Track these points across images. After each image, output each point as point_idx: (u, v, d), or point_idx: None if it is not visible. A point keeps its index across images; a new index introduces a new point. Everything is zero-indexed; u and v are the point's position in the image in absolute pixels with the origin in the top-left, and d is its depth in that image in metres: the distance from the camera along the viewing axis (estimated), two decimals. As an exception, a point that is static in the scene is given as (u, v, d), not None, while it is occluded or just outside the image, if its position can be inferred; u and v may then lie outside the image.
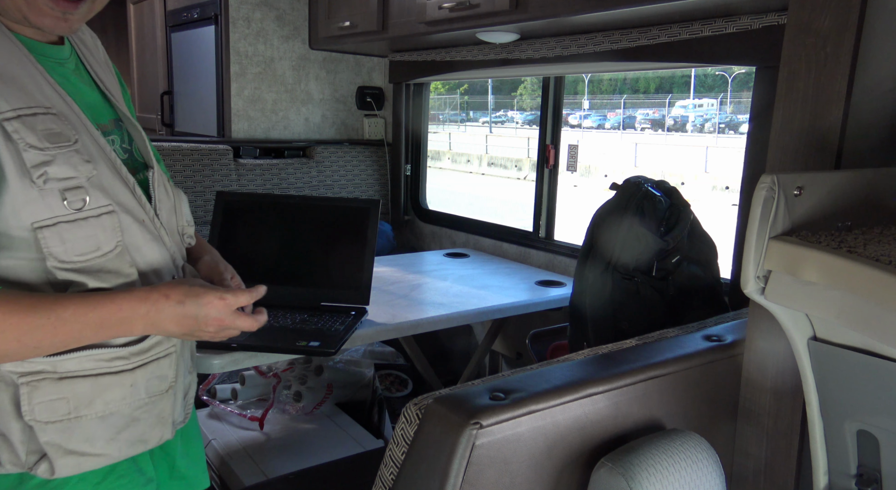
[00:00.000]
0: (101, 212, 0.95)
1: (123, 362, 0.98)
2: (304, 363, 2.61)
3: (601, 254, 1.69)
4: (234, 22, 3.05)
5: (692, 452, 1.05)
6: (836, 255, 0.87)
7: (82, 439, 0.97)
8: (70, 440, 0.96)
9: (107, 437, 0.99)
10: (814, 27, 1.04)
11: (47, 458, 0.95)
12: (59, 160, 0.91)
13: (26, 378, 0.92)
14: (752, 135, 1.78)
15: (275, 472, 2.10)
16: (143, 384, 1.02)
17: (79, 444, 0.97)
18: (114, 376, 0.98)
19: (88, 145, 0.96)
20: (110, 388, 0.98)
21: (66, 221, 0.92)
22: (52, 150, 0.91)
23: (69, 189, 0.92)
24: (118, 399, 0.99)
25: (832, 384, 1.00)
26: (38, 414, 0.94)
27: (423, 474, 0.98)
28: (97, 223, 0.94)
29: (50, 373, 0.94)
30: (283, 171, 3.04)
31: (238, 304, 1.01)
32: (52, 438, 0.95)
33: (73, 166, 0.92)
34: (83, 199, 0.93)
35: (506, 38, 2.28)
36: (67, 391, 0.95)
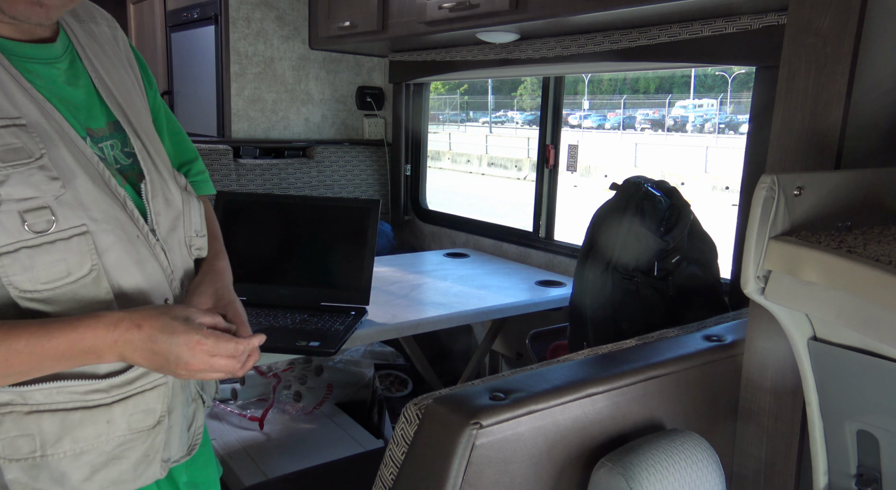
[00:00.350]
0: (73, 234, 0.85)
1: (102, 395, 0.88)
2: (304, 363, 2.61)
3: (601, 254, 1.69)
4: (234, 22, 3.05)
5: (692, 452, 1.05)
6: (836, 255, 0.87)
7: (50, 480, 0.87)
8: (38, 479, 0.87)
9: (81, 477, 0.89)
10: (814, 27, 1.04)
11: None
12: (13, 180, 0.81)
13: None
14: (752, 135, 1.78)
15: (275, 472, 2.10)
16: (125, 419, 0.91)
17: (47, 484, 0.87)
18: (86, 411, 0.88)
19: (63, 158, 0.86)
20: (81, 426, 0.87)
21: (29, 247, 0.82)
22: (5, 170, 0.81)
23: (30, 210, 0.82)
24: (91, 437, 0.88)
25: (832, 384, 1.00)
26: (1, 450, 0.85)
27: (423, 474, 0.98)
28: (66, 246, 0.84)
29: (19, 404, 0.84)
30: (283, 171, 3.04)
31: (219, 353, 0.87)
32: (16, 476, 0.86)
33: (33, 185, 0.82)
34: (48, 220, 0.83)
35: (506, 38, 2.28)
36: (33, 427, 0.85)
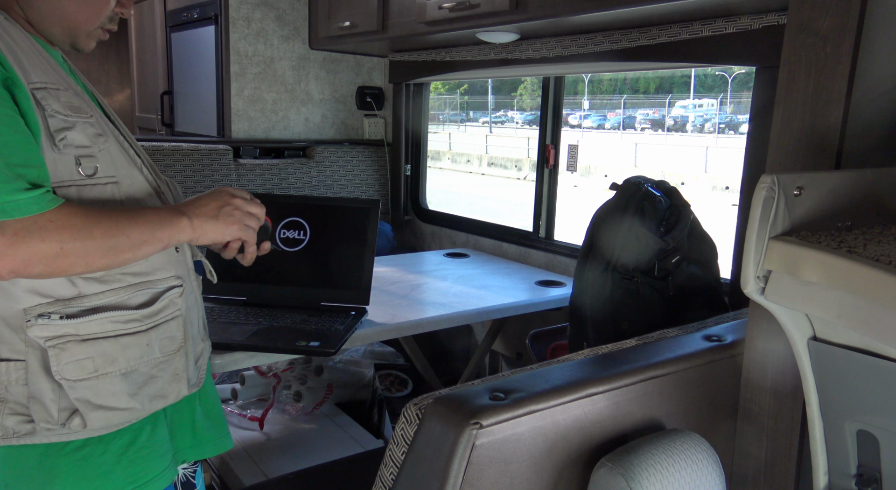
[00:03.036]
0: (108, 181, 1.06)
1: (137, 324, 1.08)
2: (304, 363, 2.61)
3: (601, 254, 1.69)
4: (234, 22, 3.05)
5: (692, 452, 1.05)
6: (836, 255, 0.87)
7: (109, 394, 1.05)
8: (98, 395, 1.04)
9: (130, 392, 1.07)
10: (814, 27, 1.04)
11: (79, 414, 1.03)
12: (77, 128, 1.02)
13: (52, 342, 1.01)
14: (752, 135, 1.78)
15: (275, 472, 2.10)
16: (157, 344, 1.11)
17: (106, 398, 1.05)
18: (131, 336, 1.07)
19: (101, 122, 1.08)
20: (130, 347, 1.07)
21: (78, 185, 1.02)
22: (72, 118, 1.02)
23: (83, 156, 1.02)
24: (137, 357, 1.08)
25: (832, 384, 1.00)
26: (66, 373, 1.02)
27: (423, 474, 0.98)
28: (102, 191, 1.05)
29: (73, 336, 1.02)
30: (283, 171, 3.04)
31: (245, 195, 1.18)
32: (81, 395, 1.03)
33: (87, 136, 1.03)
34: (94, 167, 1.04)
35: (506, 38, 2.28)
36: (92, 351, 1.03)
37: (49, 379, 1.02)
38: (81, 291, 1.03)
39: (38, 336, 1.00)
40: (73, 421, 1.03)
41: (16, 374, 1.01)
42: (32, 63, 1.00)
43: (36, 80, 0.99)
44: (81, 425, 1.03)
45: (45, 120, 0.98)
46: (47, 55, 1.05)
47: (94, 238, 0.97)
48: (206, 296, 1.78)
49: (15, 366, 1.01)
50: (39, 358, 1.01)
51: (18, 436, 1.02)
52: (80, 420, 1.03)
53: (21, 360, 1.01)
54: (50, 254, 0.94)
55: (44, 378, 1.02)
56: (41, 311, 1.00)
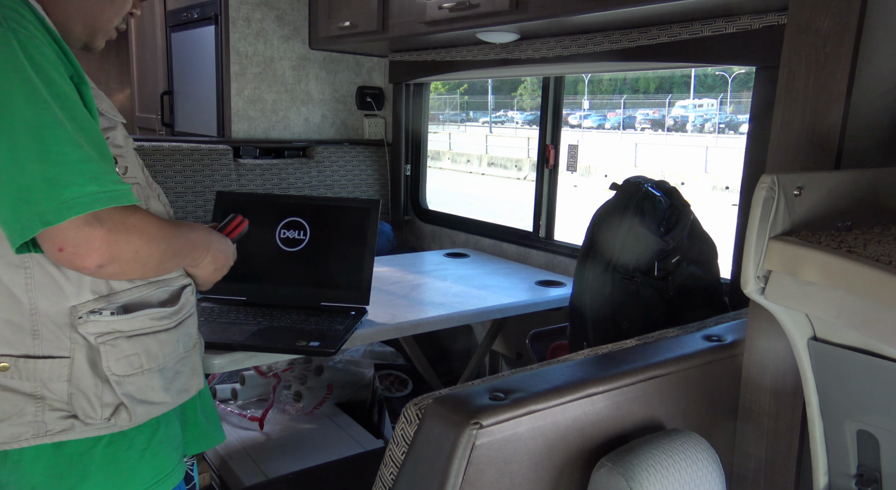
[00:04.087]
0: (133, 182, 1.09)
1: (168, 321, 1.11)
2: (304, 363, 2.61)
3: (601, 254, 1.68)
4: (234, 22, 3.05)
5: (692, 452, 1.05)
6: (836, 255, 0.87)
7: (149, 389, 1.08)
8: (140, 390, 1.07)
9: (164, 386, 1.11)
10: (814, 27, 1.04)
11: (125, 408, 1.05)
12: (118, 128, 1.08)
13: (103, 338, 1.03)
14: (752, 135, 1.78)
15: (275, 472, 2.10)
16: (182, 341, 1.15)
17: (147, 393, 1.08)
18: (165, 333, 1.11)
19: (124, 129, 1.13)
20: (166, 344, 1.11)
21: None
22: (116, 119, 1.08)
23: (119, 156, 1.06)
24: (170, 353, 1.12)
25: (832, 384, 1.00)
26: (116, 368, 1.04)
27: (423, 474, 0.98)
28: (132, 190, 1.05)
29: (121, 332, 1.05)
30: (283, 171, 3.04)
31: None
32: (128, 390, 1.05)
33: (122, 138, 1.10)
34: (125, 167, 1.08)
35: (506, 38, 2.28)
36: (139, 347, 1.06)
37: (94, 375, 1.03)
38: (113, 288, 1.05)
39: (88, 332, 1.02)
40: (119, 415, 1.05)
41: (59, 370, 1.02)
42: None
43: (88, 80, 1.01)
44: (128, 419, 1.05)
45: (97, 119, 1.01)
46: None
47: (160, 247, 1.02)
48: (207, 296, 1.79)
49: (59, 363, 1.02)
50: (86, 354, 1.02)
51: (52, 434, 1.02)
52: (126, 414, 1.05)
53: (66, 356, 1.02)
54: (128, 255, 0.97)
55: (89, 374, 1.03)
56: (92, 308, 1.02)
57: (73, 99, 0.94)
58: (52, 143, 0.89)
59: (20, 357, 1.00)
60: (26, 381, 1.00)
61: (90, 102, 0.98)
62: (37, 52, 0.91)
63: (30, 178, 0.88)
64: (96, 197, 0.91)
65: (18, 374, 1.00)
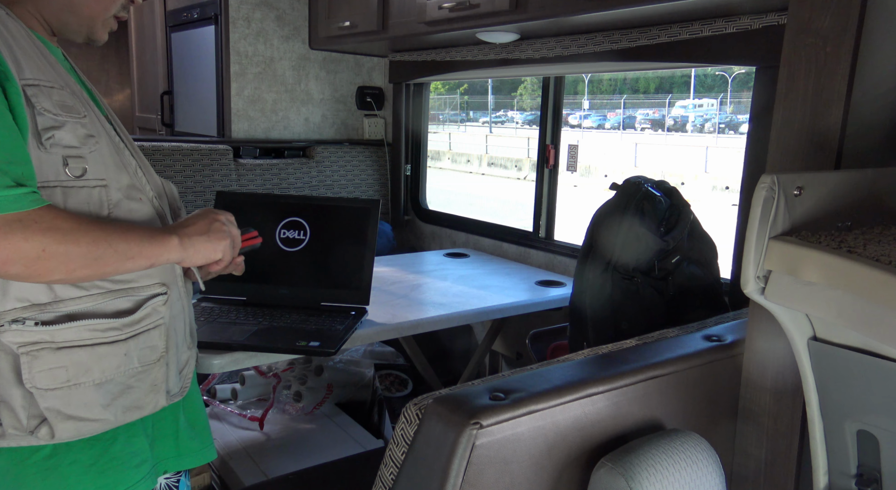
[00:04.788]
0: (96, 184, 1.03)
1: (116, 333, 1.05)
2: (304, 363, 2.61)
3: (601, 254, 1.68)
4: (234, 22, 3.05)
5: (692, 452, 1.05)
6: (836, 255, 0.87)
7: (80, 405, 1.02)
8: (69, 406, 1.01)
9: (103, 403, 1.04)
10: (814, 27, 1.04)
11: (47, 423, 1.00)
12: (66, 128, 1.00)
13: (26, 348, 0.98)
14: (752, 135, 1.78)
15: (275, 472, 2.10)
16: (136, 354, 1.08)
17: (77, 409, 1.02)
18: (109, 346, 1.04)
19: (95, 123, 1.06)
20: (106, 357, 1.04)
21: (65, 187, 1.00)
22: (62, 118, 0.99)
23: (71, 156, 1.00)
24: (113, 367, 1.05)
25: (832, 384, 1.00)
26: (38, 381, 0.99)
27: (423, 474, 0.98)
28: (89, 194, 1.02)
29: (48, 343, 0.99)
30: (283, 171, 3.04)
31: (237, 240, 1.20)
32: (51, 404, 1.00)
33: (77, 137, 1.01)
34: (83, 168, 1.01)
35: (506, 38, 2.28)
36: (66, 360, 1.01)
37: (20, 385, 0.99)
38: (59, 296, 1.00)
39: (11, 341, 0.97)
40: (40, 430, 1.00)
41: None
42: (28, 59, 0.98)
43: (29, 77, 0.97)
44: (49, 435, 1.00)
45: (35, 118, 0.96)
46: (47, 52, 1.04)
47: (80, 244, 0.94)
48: (206, 296, 1.79)
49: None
50: (11, 363, 0.98)
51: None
52: (47, 429, 1.00)
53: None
54: (31, 254, 0.91)
55: (14, 384, 0.99)
56: (15, 316, 0.97)
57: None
58: None
59: None
60: None
61: (13, 100, 0.93)
62: None
63: None
64: None
65: None
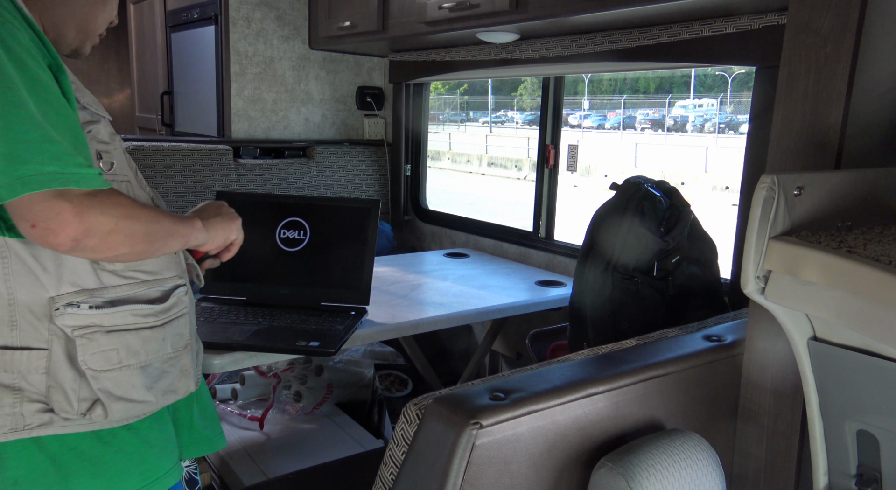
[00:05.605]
0: (122, 180, 1.10)
1: (154, 319, 1.11)
2: (304, 363, 2.61)
3: (601, 254, 1.68)
4: (234, 22, 3.05)
5: (692, 452, 1.05)
6: (836, 255, 0.87)
7: (128, 386, 1.07)
8: (118, 387, 1.06)
9: (147, 385, 1.10)
10: (814, 27, 1.04)
11: (101, 404, 1.04)
12: (101, 124, 1.07)
13: (80, 331, 1.02)
14: (752, 135, 1.78)
15: (275, 472, 2.10)
16: (170, 340, 1.14)
17: (126, 390, 1.07)
18: (150, 330, 1.10)
19: (109, 126, 1.11)
20: (149, 341, 1.10)
21: None
22: (98, 114, 1.07)
23: (103, 152, 1.06)
24: (154, 351, 1.11)
25: (832, 384, 1.00)
26: (92, 363, 1.04)
27: (423, 474, 0.98)
28: (119, 187, 1.07)
29: (99, 326, 1.04)
30: (283, 171, 3.04)
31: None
32: (104, 385, 1.05)
33: (108, 134, 1.08)
34: (111, 163, 1.07)
35: (506, 38, 2.28)
36: (117, 343, 1.06)
37: (72, 368, 1.02)
38: (104, 282, 1.05)
39: (65, 325, 1.01)
40: (94, 411, 1.04)
41: (37, 362, 1.01)
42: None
43: (71, 76, 1.01)
44: (103, 415, 1.04)
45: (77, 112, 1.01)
46: None
47: (140, 221, 1.00)
48: (206, 296, 1.79)
49: (37, 354, 1.01)
50: (63, 347, 1.02)
51: (31, 428, 1.01)
52: (101, 410, 1.04)
53: (44, 348, 1.02)
54: (106, 227, 0.95)
55: (67, 367, 1.02)
56: (70, 300, 1.02)
57: (46, 84, 0.93)
58: (14, 123, 0.89)
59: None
60: (4, 373, 1.00)
61: (68, 91, 0.98)
62: (9, 36, 0.91)
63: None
64: (53, 176, 0.90)
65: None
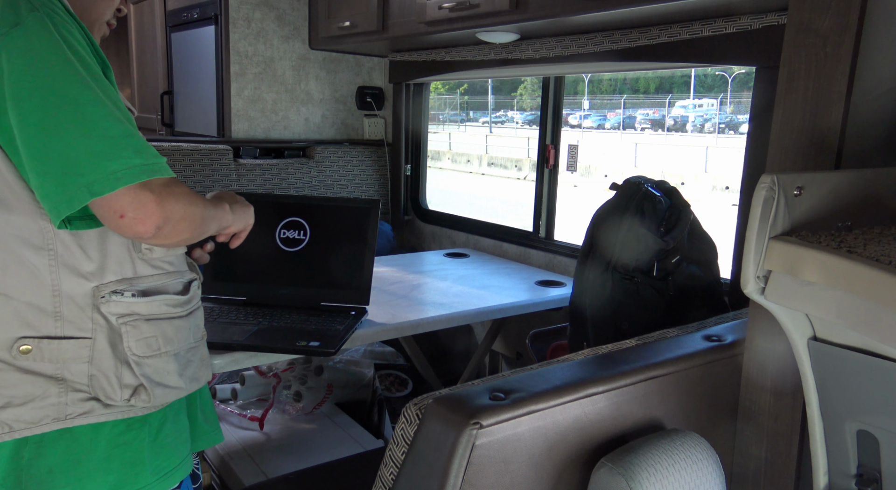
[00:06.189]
0: None
1: (181, 309, 1.15)
2: (304, 363, 2.61)
3: (601, 254, 1.69)
4: (234, 22, 3.05)
5: (692, 452, 1.05)
6: (836, 255, 0.87)
7: (165, 373, 1.11)
8: (157, 373, 1.10)
9: (178, 372, 1.13)
10: (814, 27, 1.04)
11: (144, 389, 1.08)
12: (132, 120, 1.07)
13: (124, 319, 1.06)
14: (752, 135, 1.78)
15: (275, 472, 2.10)
16: (193, 330, 1.18)
17: (163, 376, 1.11)
18: (180, 320, 1.14)
19: None
20: (181, 330, 1.14)
21: None
22: (133, 114, 1.08)
23: None
24: (184, 340, 1.15)
25: (832, 384, 1.00)
26: (136, 349, 1.07)
27: (423, 474, 0.98)
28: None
29: (140, 314, 1.08)
30: (283, 171, 3.04)
31: None
32: (146, 371, 1.08)
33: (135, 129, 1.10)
34: None
35: (506, 38, 2.28)
36: (156, 330, 1.10)
37: (114, 356, 1.05)
38: (138, 272, 1.09)
39: (111, 312, 1.05)
40: (138, 396, 1.07)
41: (80, 351, 1.04)
42: None
43: None
44: (147, 400, 1.07)
45: None
46: None
47: (198, 206, 1.06)
48: (206, 296, 1.78)
49: (80, 343, 1.04)
50: (107, 335, 1.05)
51: (72, 418, 1.04)
52: (146, 395, 1.07)
53: (87, 337, 1.04)
54: (179, 214, 1.00)
55: (109, 356, 1.05)
56: (115, 289, 1.05)
57: (106, 81, 0.99)
58: (96, 120, 0.94)
59: (42, 338, 1.02)
60: (48, 363, 1.02)
61: (115, 86, 1.03)
62: (70, 35, 0.96)
63: (75, 152, 0.93)
64: (142, 169, 0.96)
65: (41, 355, 1.02)
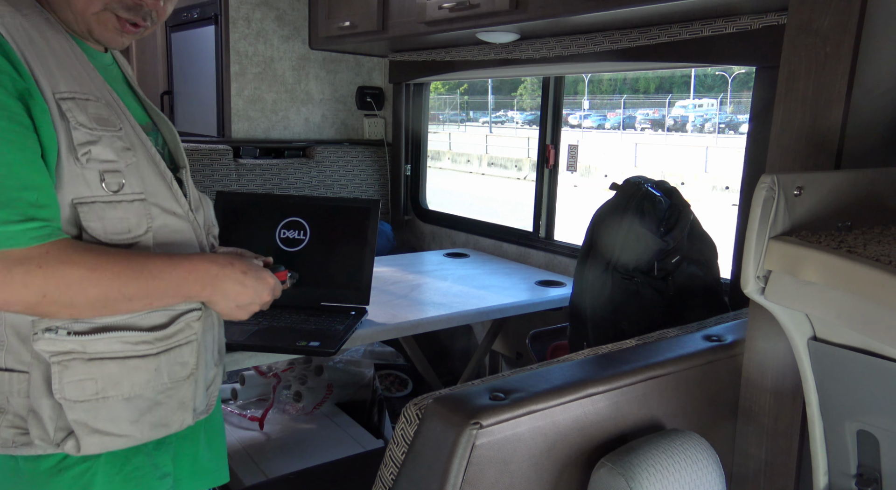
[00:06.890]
0: (134, 198, 1.01)
1: (148, 347, 1.03)
2: (304, 363, 2.61)
3: (601, 254, 1.68)
4: (234, 22, 3.05)
5: (692, 452, 1.05)
6: (836, 255, 0.87)
7: (107, 419, 1.00)
8: (96, 419, 1.00)
9: (131, 418, 1.03)
10: (814, 27, 1.04)
11: (74, 436, 0.99)
12: (103, 142, 0.98)
13: (58, 357, 0.97)
14: (752, 135, 1.78)
15: (275, 472, 2.10)
16: (166, 369, 1.06)
17: (104, 423, 1.00)
18: (140, 360, 1.02)
19: (131, 135, 1.04)
20: (136, 371, 1.02)
21: (103, 202, 0.98)
22: (98, 132, 0.97)
23: (108, 171, 0.98)
24: (143, 382, 1.03)
25: (832, 384, 1.00)
26: (67, 392, 0.98)
27: (423, 474, 0.98)
28: (129, 208, 1.01)
29: (80, 353, 0.98)
30: (283, 171, 3.04)
31: (278, 289, 1.20)
32: (79, 417, 0.98)
33: (114, 151, 0.99)
34: (119, 183, 0.99)
35: (506, 38, 2.28)
36: (96, 372, 0.99)
37: (50, 396, 0.98)
38: None
39: (43, 350, 0.96)
40: (67, 443, 0.99)
41: (18, 385, 0.98)
42: (64, 70, 0.97)
43: (64, 89, 0.95)
44: (75, 448, 0.99)
45: (69, 132, 0.94)
46: (84, 60, 1.02)
47: (87, 293, 0.92)
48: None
49: (18, 377, 0.98)
50: (43, 373, 0.97)
51: (16, 446, 0.99)
52: (74, 442, 0.99)
53: (25, 371, 0.98)
54: (31, 300, 0.90)
55: (45, 394, 0.98)
56: (49, 325, 0.96)
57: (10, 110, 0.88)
58: None
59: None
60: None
61: (39, 119, 0.92)
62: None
63: None
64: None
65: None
